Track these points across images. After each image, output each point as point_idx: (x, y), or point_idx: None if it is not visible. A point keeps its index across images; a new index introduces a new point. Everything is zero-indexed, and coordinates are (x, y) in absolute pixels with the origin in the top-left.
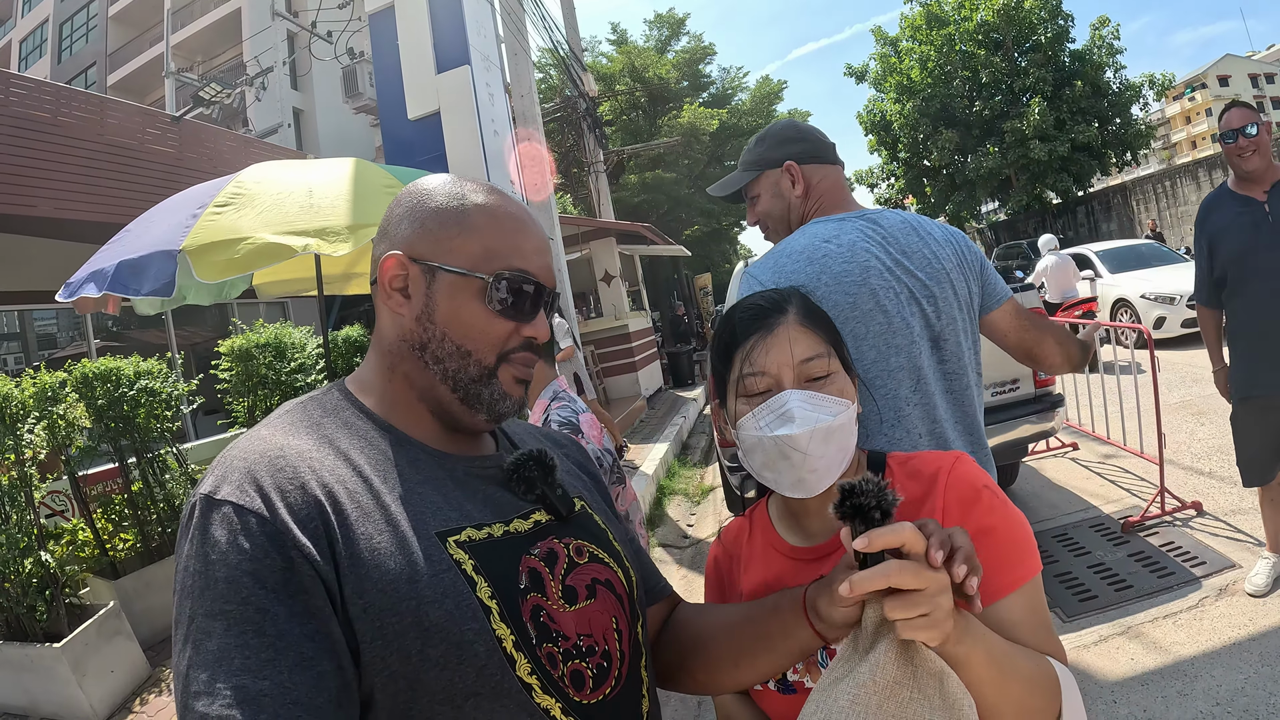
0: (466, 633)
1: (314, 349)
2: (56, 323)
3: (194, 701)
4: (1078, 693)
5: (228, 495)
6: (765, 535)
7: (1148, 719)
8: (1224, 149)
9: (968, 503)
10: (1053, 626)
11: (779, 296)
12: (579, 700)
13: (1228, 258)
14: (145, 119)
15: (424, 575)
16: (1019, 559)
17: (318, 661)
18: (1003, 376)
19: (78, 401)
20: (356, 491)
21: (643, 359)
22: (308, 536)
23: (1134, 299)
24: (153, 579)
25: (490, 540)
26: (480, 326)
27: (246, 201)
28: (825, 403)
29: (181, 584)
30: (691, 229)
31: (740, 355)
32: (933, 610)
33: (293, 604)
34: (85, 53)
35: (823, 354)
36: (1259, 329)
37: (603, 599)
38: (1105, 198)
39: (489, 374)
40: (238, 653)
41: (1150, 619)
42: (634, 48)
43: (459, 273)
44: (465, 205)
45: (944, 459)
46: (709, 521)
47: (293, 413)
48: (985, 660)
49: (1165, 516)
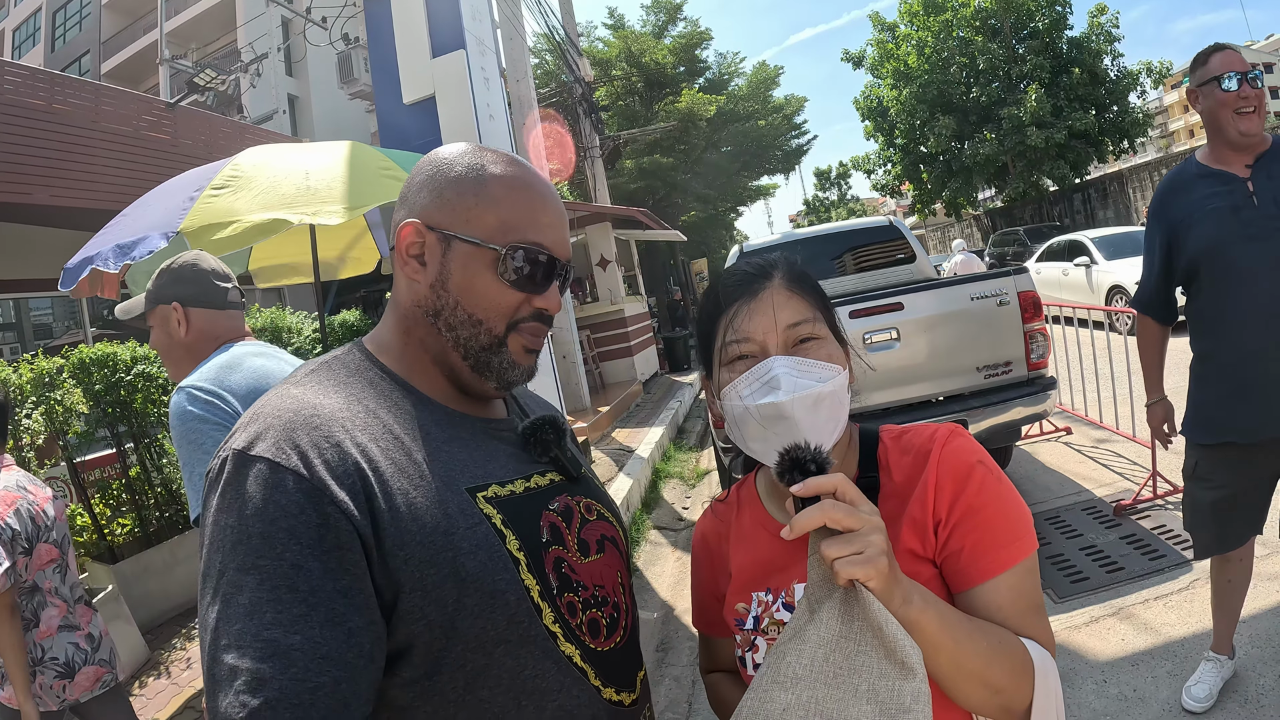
0: (499, 582)
1: (310, 333)
2: (52, 312)
3: (224, 653)
4: (1056, 681)
5: (263, 451)
6: (754, 513)
7: (1138, 698)
8: (1216, 100)
9: (961, 479)
10: (1044, 612)
11: (765, 262)
12: (594, 648)
13: (1196, 252)
14: (140, 106)
15: (459, 528)
16: (1009, 539)
17: (349, 617)
18: (995, 359)
19: (75, 387)
20: (390, 449)
21: (639, 344)
22: (345, 493)
23: (1129, 285)
24: (151, 563)
25: (514, 496)
26: (492, 297)
27: (244, 184)
28: (813, 368)
29: (212, 537)
30: (688, 214)
31: (724, 322)
32: (865, 548)
33: (327, 560)
34: (79, 40)
35: (809, 318)
36: (1239, 349)
37: (610, 554)
38: (1102, 185)
39: (499, 343)
40: (270, 607)
41: (1141, 600)
42: (630, 33)
43: (474, 243)
44: (484, 175)
45: (938, 432)
46: (704, 504)
47: (319, 372)
48: (937, 626)
49: (1157, 500)
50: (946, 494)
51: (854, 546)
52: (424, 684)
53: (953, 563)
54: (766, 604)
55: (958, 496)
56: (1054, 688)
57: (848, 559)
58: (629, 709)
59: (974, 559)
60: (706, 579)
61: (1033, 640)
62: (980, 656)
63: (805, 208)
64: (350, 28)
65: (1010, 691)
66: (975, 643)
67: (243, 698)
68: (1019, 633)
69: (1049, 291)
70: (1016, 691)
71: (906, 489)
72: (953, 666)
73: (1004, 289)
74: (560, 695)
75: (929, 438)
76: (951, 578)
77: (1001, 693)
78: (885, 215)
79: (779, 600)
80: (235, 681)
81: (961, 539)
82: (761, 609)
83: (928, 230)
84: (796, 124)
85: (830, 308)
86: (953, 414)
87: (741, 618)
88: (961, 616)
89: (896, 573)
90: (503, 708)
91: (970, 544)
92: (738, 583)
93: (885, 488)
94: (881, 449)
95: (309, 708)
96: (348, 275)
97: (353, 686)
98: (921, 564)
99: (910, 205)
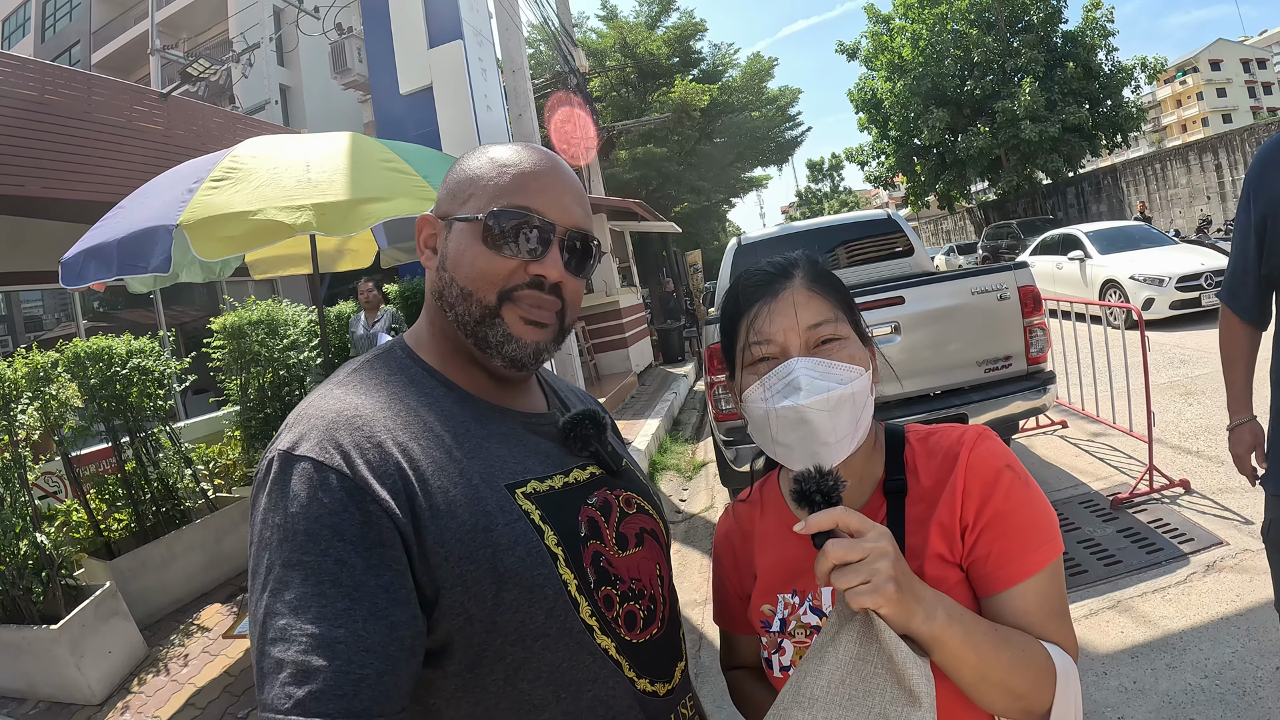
0: (536, 577)
1: (306, 325)
2: (42, 304)
3: (270, 647)
4: (1076, 684)
5: (307, 451)
6: (779, 514)
7: (1137, 690)
8: None
9: (988, 484)
10: (1068, 616)
11: (785, 262)
12: (630, 640)
13: None
14: (133, 96)
15: (498, 525)
16: (1035, 545)
17: (391, 611)
18: (995, 354)
19: (70, 381)
20: (430, 447)
21: (634, 335)
22: (387, 491)
23: (1123, 280)
24: (148, 559)
25: (552, 491)
26: (480, 266)
27: (243, 176)
28: (834, 369)
29: (259, 536)
30: (681, 206)
31: (745, 323)
32: (871, 577)
33: (370, 556)
34: (69, 31)
35: (830, 319)
36: None
37: (649, 547)
38: (1095, 179)
39: (491, 314)
40: (315, 601)
41: (1139, 593)
42: (625, 24)
43: (464, 219)
44: (481, 160)
45: (966, 435)
46: (701, 496)
47: (360, 371)
48: (961, 640)
49: (1154, 494)
50: (974, 499)
51: (861, 576)
52: (466, 676)
53: (979, 568)
54: (793, 606)
55: (985, 502)
56: (1074, 691)
57: (855, 589)
58: (663, 699)
59: (1000, 565)
60: (731, 578)
61: (1055, 645)
62: (1003, 667)
63: (798, 199)
64: (343, 17)
65: (1032, 697)
66: (999, 653)
67: (288, 689)
68: (1043, 637)
69: (1043, 285)
70: (1038, 697)
71: (934, 493)
72: (976, 677)
73: (1004, 284)
74: (596, 686)
75: (957, 440)
76: (978, 582)
77: (1024, 698)
78: (880, 208)
79: (805, 603)
80: (281, 673)
81: (989, 544)
82: (788, 611)
83: (921, 223)
84: (790, 115)
85: (854, 307)
86: (952, 408)
87: (768, 619)
88: (986, 628)
89: (915, 591)
90: (542, 699)
91: (997, 550)
92: (763, 584)
93: (913, 491)
94: (908, 450)
95: (352, 698)
96: (345, 269)
97: (394, 679)
98: (949, 568)
99: (903, 197)
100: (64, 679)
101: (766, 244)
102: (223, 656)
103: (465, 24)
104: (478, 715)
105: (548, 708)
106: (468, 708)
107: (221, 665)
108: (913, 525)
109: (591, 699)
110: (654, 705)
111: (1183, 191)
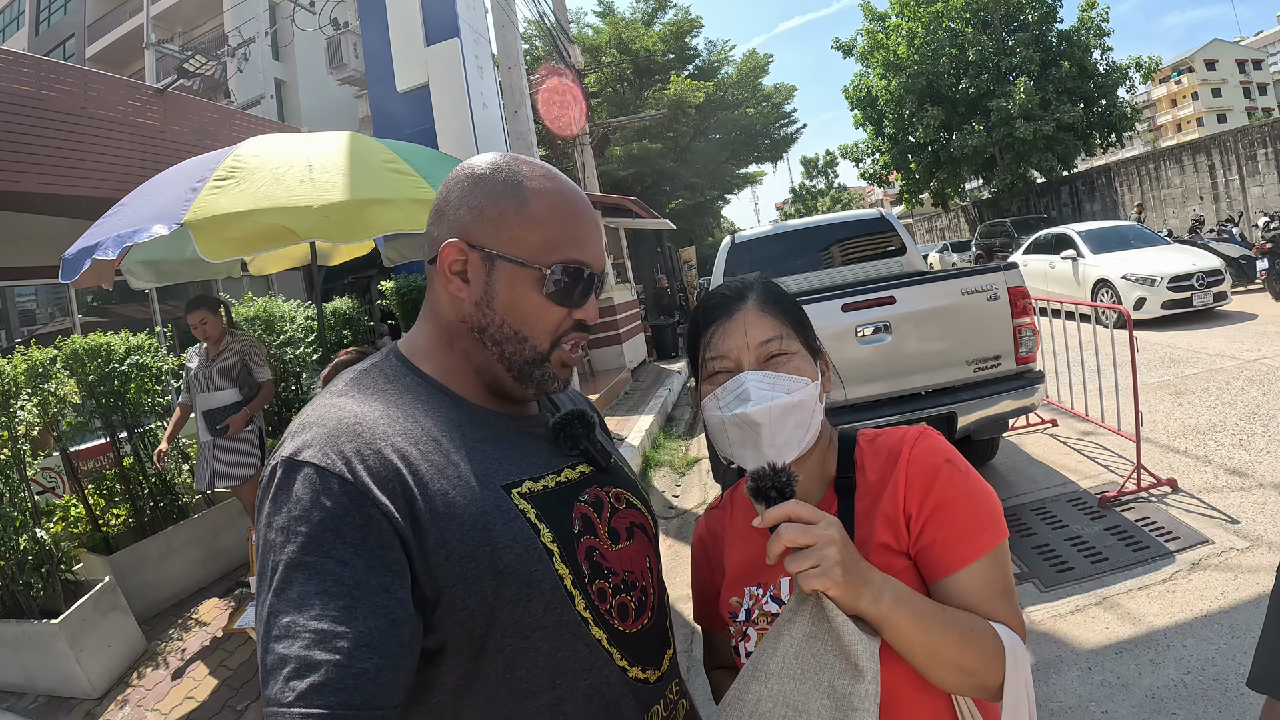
0: (534, 573)
1: (303, 321)
2: (37, 299)
3: (274, 643)
4: (1026, 661)
5: (310, 458)
6: (746, 515)
7: (1121, 685)
8: None
9: (929, 476)
10: (1014, 598)
11: (741, 285)
12: (622, 630)
13: None
14: (128, 91)
15: (496, 524)
16: (977, 531)
17: (391, 610)
18: (984, 353)
19: (69, 378)
20: (429, 451)
21: (627, 331)
22: (387, 496)
23: (1115, 280)
24: (146, 553)
25: (546, 490)
26: (538, 315)
27: (247, 175)
28: (782, 380)
29: (265, 539)
30: (675, 202)
31: (704, 342)
32: (820, 561)
33: (370, 557)
34: (63, 24)
35: (779, 335)
36: None
37: (639, 540)
38: (1089, 178)
39: (543, 358)
40: (318, 600)
41: (1125, 590)
42: (620, 20)
43: (518, 263)
44: (523, 192)
45: (908, 434)
46: (694, 492)
47: (359, 380)
48: (910, 620)
49: (1141, 492)
50: (916, 491)
51: (810, 561)
52: (469, 667)
53: (926, 555)
54: (757, 597)
55: (927, 493)
56: (1024, 667)
57: (806, 573)
58: (653, 686)
59: (945, 551)
60: (706, 579)
61: (1003, 624)
62: (952, 644)
63: (792, 195)
64: (339, 12)
65: (983, 674)
66: (947, 632)
67: (291, 683)
68: (990, 617)
69: (1035, 284)
70: (989, 673)
71: (879, 487)
72: (926, 654)
73: (994, 284)
74: (590, 675)
75: (899, 439)
76: (925, 568)
77: (975, 675)
78: (874, 205)
79: (767, 593)
80: (284, 668)
81: (933, 533)
82: (752, 601)
83: (915, 220)
84: (785, 112)
85: (804, 323)
86: (942, 407)
87: (735, 610)
88: (934, 608)
89: (863, 575)
90: (539, 686)
91: (941, 537)
92: (731, 578)
93: (860, 486)
94: (858, 451)
95: (352, 691)
96: (341, 261)
97: (393, 674)
98: (895, 556)
99: (898, 195)
100: (64, 673)
101: (760, 242)
102: (220, 650)
103: (462, 21)
104: (479, 703)
105: (544, 694)
106: (469, 696)
107: (219, 659)
108: (860, 518)
109: (587, 686)
110: (644, 691)
111: (1176, 192)
